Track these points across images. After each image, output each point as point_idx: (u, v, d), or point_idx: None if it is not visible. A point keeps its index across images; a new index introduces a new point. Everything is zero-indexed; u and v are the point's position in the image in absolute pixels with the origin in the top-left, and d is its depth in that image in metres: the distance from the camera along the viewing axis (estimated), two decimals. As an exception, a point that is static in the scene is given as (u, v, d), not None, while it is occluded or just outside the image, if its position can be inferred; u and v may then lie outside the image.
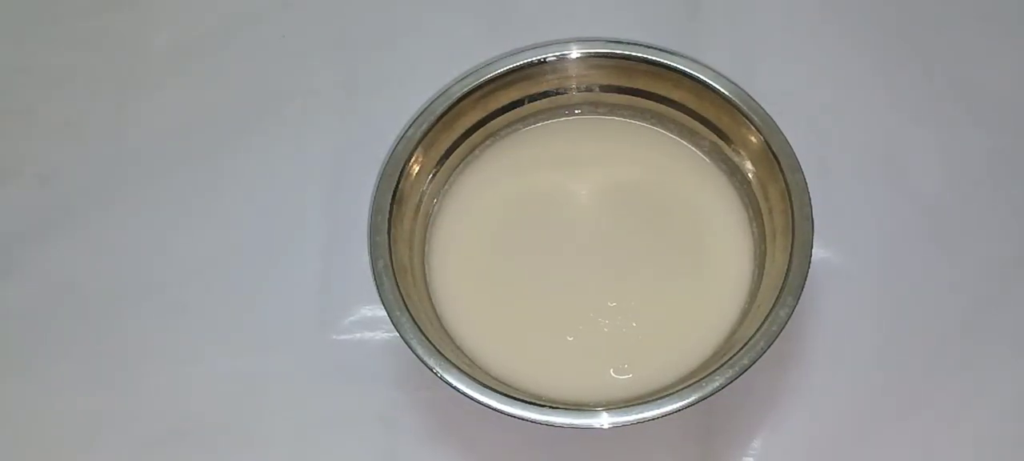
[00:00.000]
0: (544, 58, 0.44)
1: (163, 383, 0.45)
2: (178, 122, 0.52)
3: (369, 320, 0.46)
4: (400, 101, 0.44)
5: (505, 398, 0.37)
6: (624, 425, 0.36)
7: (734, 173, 0.45)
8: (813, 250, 0.39)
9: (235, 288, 0.48)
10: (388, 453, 0.44)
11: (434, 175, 0.44)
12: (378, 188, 0.42)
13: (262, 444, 0.44)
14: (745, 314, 0.41)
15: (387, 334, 0.45)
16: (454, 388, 0.37)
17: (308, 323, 0.46)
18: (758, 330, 0.38)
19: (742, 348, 0.38)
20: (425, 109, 0.43)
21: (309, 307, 0.47)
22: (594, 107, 0.46)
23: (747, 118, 0.42)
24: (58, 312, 0.47)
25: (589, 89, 0.46)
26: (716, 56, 0.48)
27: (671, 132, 0.46)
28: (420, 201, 0.44)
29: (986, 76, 0.51)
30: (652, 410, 0.37)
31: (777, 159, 0.41)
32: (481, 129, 0.45)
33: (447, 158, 0.45)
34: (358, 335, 0.46)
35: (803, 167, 0.41)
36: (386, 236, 0.41)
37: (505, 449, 0.43)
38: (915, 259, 0.46)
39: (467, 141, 0.45)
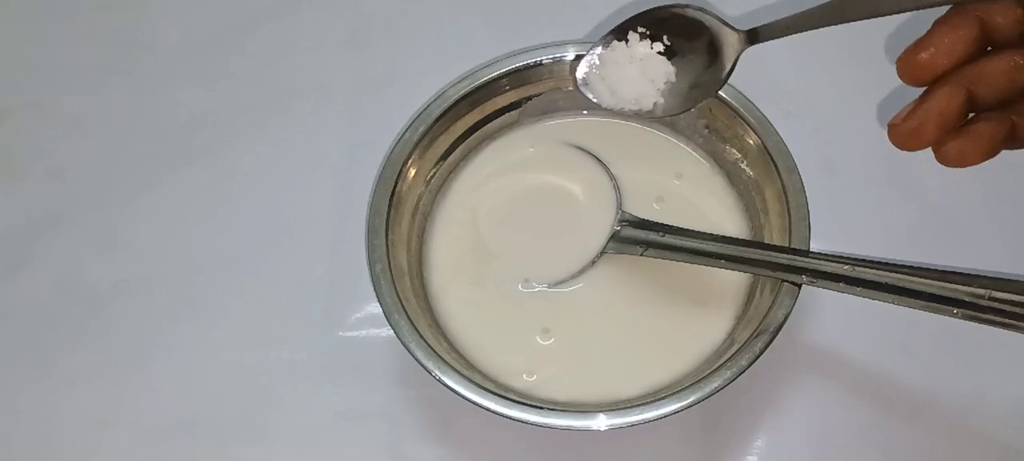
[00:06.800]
0: (540, 61, 0.44)
1: (171, 378, 0.46)
2: (189, 118, 0.53)
3: (375, 317, 0.46)
4: (411, 99, 0.44)
5: (503, 400, 0.37)
6: (621, 427, 0.36)
7: (731, 174, 0.44)
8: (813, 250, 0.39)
9: (243, 284, 0.48)
10: (392, 449, 0.44)
11: (431, 177, 0.45)
12: (375, 191, 0.42)
13: (268, 438, 0.45)
14: (742, 315, 0.41)
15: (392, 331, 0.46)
16: (452, 390, 0.37)
17: (315, 319, 0.47)
18: (755, 331, 0.38)
19: (740, 349, 0.37)
20: (422, 111, 0.43)
21: (316, 303, 0.47)
22: (592, 109, 0.46)
23: (743, 119, 0.42)
24: (68, 306, 0.48)
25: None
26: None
27: (668, 133, 0.46)
28: (418, 203, 0.44)
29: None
30: (650, 412, 0.37)
31: (773, 160, 0.41)
32: (478, 131, 0.46)
33: (444, 160, 0.45)
34: (364, 332, 0.46)
35: (809, 167, 0.41)
36: (384, 239, 0.41)
37: (506, 447, 0.44)
38: (919, 258, 0.46)
39: (464, 143, 0.45)
